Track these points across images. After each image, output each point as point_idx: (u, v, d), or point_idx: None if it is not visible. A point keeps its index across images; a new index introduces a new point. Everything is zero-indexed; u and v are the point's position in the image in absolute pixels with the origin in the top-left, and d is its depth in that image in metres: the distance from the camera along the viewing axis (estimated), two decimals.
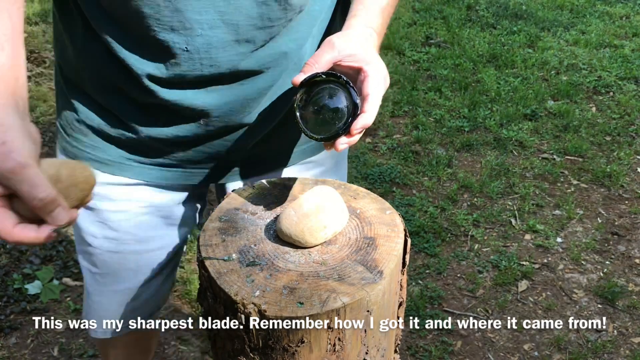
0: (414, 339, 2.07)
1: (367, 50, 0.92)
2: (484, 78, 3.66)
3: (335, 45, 0.90)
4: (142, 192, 1.12)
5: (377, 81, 0.90)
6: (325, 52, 0.90)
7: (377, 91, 0.89)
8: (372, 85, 0.89)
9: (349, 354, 0.85)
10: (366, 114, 0.87)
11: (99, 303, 1.25)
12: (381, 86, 0.91)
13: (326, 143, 0.91)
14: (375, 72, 0.90)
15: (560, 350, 2.04)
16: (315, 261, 0.86)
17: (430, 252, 2.42)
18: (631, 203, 2.72)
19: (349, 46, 0.91)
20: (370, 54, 0.92)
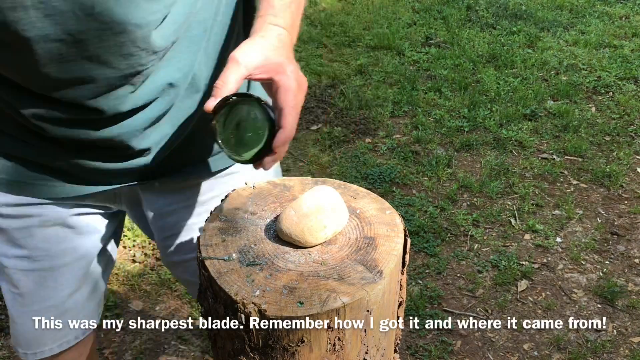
0: (413, 338, 2.08)
1: (276, 57, 0.88)
2: (483, 78, 3.66)
3: (239, 61, 0.86)
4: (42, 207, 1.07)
5: (290, 91, 0.86)
6: (231, 71, 0.86)
7: (290, 102, 0.86)
8: (285, 97, 0.86)
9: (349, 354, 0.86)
10: (284, 129, 0.85)
11: (23, 325, 1.19)
12: (295, 94, 0.87)
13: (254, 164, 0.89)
14: (287, 80, 0.86)
15: (560, 350, 2.04)
16: (315, 261, 0.86)
17: (430, 251, 2.42)
18: (630, 203, 2.72)
19: (255, 58, 0.86)
20: (279, 61, 0.87)
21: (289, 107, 0.85)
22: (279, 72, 0.87)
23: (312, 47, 4.03)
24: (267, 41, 0.88)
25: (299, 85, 0.88)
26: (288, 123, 0.85)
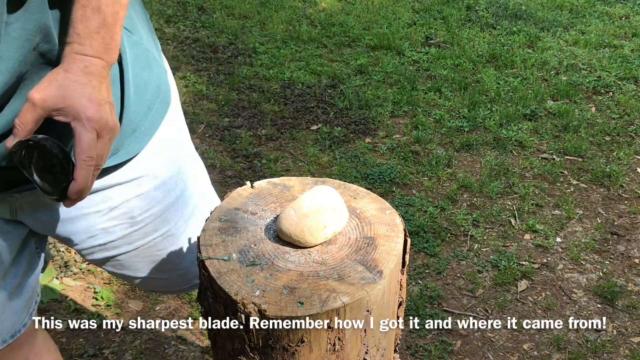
0: (413, 338, 2.08)
1: (75, 98, 0.83)
2: (483, 78, 3.66)
3: (36, 102, 0.82)
4: None
5: (83, 142, 0.83)
6: (28, 112, 0.83)
7: (82, 155, 0.84)
8: (78, 148, 0.84)
9: (349, 354, 0.86)
10: (76, 182, 0.84)
11: None
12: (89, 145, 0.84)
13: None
14: (81, 130, 0.83)
15: (560, 349, 2.04)
16: (315, 261, 0.86)
17: (430, 251, 2.42)
18: (630, 203, 2.72)
19: (52, 99, 0.83)
20: (78, 104, 0.83)
21: (80, 161, 0.84)
22: (76, 118, 0.83)
23: (312, 47, 4.04)
24: (70, 77, 0.84)
25: (98, 132, 0.84)
26: (79, 176, 0.84)
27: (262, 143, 3.06)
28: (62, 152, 0.85)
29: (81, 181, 0.85)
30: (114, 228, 1.17)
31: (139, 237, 1.21)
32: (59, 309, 2.14)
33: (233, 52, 3.92)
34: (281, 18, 4.41)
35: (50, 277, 2.22)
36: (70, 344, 2.03)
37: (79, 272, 2.27)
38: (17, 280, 1.17)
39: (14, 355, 1.23)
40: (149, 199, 1.17)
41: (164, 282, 1.37)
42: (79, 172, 0.84)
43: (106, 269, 1.29)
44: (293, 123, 3.24)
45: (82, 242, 1.18)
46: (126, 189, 1.13)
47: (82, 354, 1.99)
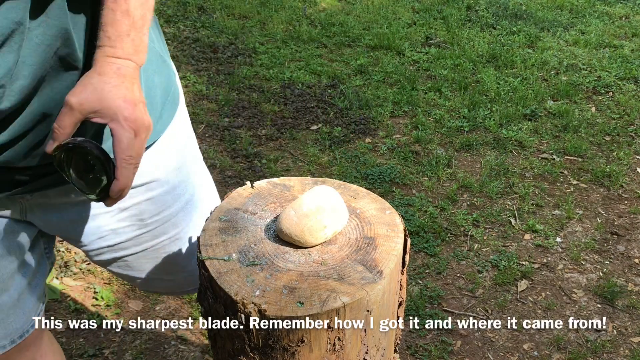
0: (413, 338, 2.08)
1: (111, 99, 0.85)
2: (483, 78, 3.66)
3: (73, 106, 0.84)
4: None
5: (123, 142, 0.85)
6: (66, 116, 0.85)
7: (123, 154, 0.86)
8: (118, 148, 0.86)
9: (349, 354, 0.86)
10: (118, 181, 0.86)
11: None
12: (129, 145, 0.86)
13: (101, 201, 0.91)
14: (120, 131, 0.85)
15: (560, 349, 2.04)
16: (315, 261, 0.86)
17: (430, 251, 2.42)
18: (631, 203, 2.72)
19: (89, 102, 0.85)
20: (115, 106, 0.85)
21: (121, 160, 0.86)
22: (113, 119, 0.85)
23: (312, 47, 4.04)
24: (103, 79, 0.86)
25: (135, 131, 0.86)
26: (121, 175, 0.86)
27: (262, 143, 3.06)
28: (103, 153, 0.87)
29: (123, 180, 0.87)
30: (123, 229, 1.18)
31: (147, 239, 1.22)
32: (59, 309, 2.14)
33: (233, 52, 3.92)
34: (281, 18, 4.41)
35: (50, 277, 2.22)
36: (70, 344, 2.03)
37: (79, 272, 2.27)
38: (26, 280, 1.18)
39: (21, 356, 1.24)
40: (160, 203, 1.18)
41: (169, 284, 1.38)
42: (120, 171, 0.86)
43: (112, 269, 1.30)
44: (293, 123, 3.24)
45: (91, 243, 1.19)
46: (137, 192, 1.14)
47: (82, 354, 1.99)
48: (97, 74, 0.86)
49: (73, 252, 2.34)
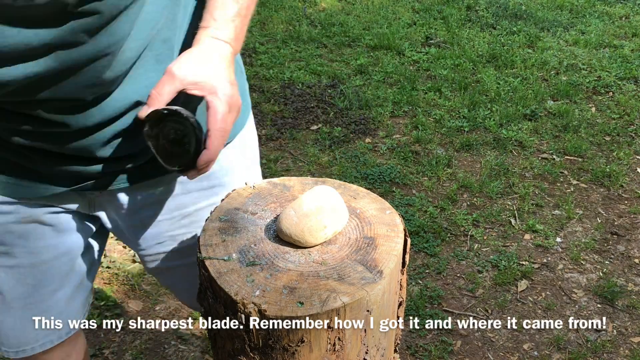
0: (413, 338, 2.08)
1: (212, 75, 0.89)
2: (483, 78, 3.66)
3: (175, 75, 0.88)
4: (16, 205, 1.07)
5: (219, 114, 0.88)
6: (166, 84, 0.88)
7: (217, 125, 0.87)
8: (213, 119, 0.87)
9: (349, 354, 0.86)
10: (208, 151, 0.87)
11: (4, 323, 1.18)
12: (224, 118, 0.88)
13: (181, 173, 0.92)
14: (217, 103, 0.88)
15: (560, 349, 2.04)
16: (315, 261, 0.86)
17: (430, 251, 2.42)
18: (630, 203, 2.72)
19: (191, 73, 0.88)
20: (215, 79, 0.88)
21: (214, 130, 0.87)
22: (212, 93, 0.88)
23: (312, 47, 4.04)
24: (206, 56, 0.90)
25: (229, 107, 0.89)
26: (212, 145, 0.87)
27: (262, 143, 3.06)
28: (196, 122, 0.89)
29: (213, 151, 0.88)
30: (183, 236, 1.17)
31: None
32: None
33: None
34: (281, 18, 4.41)
35: None
36: None
37: None
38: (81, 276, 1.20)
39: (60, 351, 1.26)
40: None
41: None
42: (212, 141, 0.87)
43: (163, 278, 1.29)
44: (293, 123, 3.24)
45: (150, 247, 1.19)
46: (201, 196, 1.14)
47: None
48: (200, 51, 0.90)
49: None
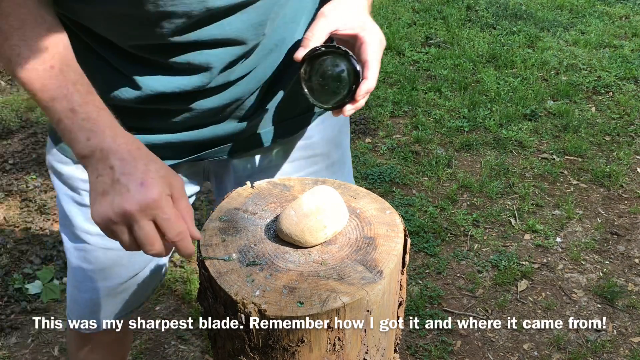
0: (413, 338, 2.08)
1: (360, 16, 0.94)
2: (483, 78, 3.66)
3: (328, 15, 0.93)
4: None
5: (374, 46, 0.92)
6: (320, 24, 0.93)
7: (375, 56, 0.92)
8: (370, 51, 0.92)
9: (349, 354, 0.86)
10: (368, 80, 0.91)
11: (89, 300, 1.25)
12: (379, 50, 0.93)
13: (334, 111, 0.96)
14: (372, 36, 0.93)
15: (560, 350, 2.04)
16: (315, 261, 0.86)
17: (430, 251, 2.42)
18: (630, 203, 2.72)
19: (342, 15, 0.94)
20: (364, 19, 0.94)
21: (373, 61, 0.92)
22: (364, 29, 0.93)
23: None
24: (352, 3, 0.96)
25: (380, 41, 0.94)
26: (372, 75, 0.91)
27: None
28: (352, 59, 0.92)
29: (372, 80, 0.92)
30: None
31: None
32: (59, 309, 2.14)
33: None
34: None
35: (50, 277, 2.22)
36: None
37: None
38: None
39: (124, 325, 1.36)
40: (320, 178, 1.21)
41: None
42: (371, 71, 0.91)
43: None
44: None
45: None
46: (302, 165, 1.18)
47: None
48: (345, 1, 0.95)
49: None
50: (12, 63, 0.83)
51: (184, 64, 0.95)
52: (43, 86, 0.82)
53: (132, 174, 0.78)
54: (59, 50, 0.84)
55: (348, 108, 0.93)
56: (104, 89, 0.97)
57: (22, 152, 2.88)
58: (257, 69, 1.02)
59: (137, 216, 0.78)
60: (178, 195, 0.82)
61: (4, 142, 2.96)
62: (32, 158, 2.84)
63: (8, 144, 2.96)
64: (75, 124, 0.81)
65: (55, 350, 2.00)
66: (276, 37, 1.01)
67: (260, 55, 1.01)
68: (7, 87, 3.44)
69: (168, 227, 0.80)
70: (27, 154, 2.87)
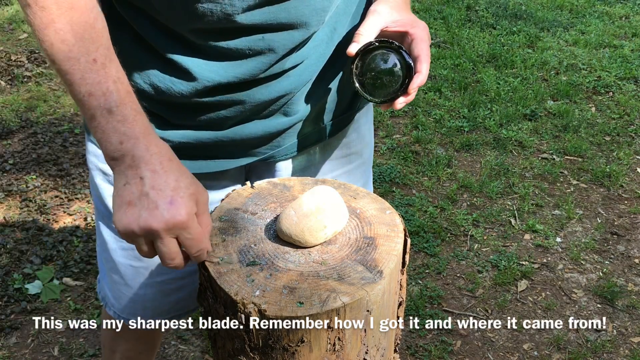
0: (413, 338, 2.08)
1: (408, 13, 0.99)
2: (483, 78, 3.66)
3: (380, 13, 0.98)
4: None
5: (425, 41, 0.96)
6: (372, 21, 0.97)
7: (426, 51, 0.95)
8: (421, 46, 0.95)
9: (349, 354, 0.86)
10: (421, 74, 0.94)
11: (143, 296, 1.24)
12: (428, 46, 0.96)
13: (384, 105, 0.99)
14: (422, 33, 0.97)
15: (560, 350, 2.04)
16: (315, 261, 0.86)
17: (430, 251, 2.42)
18: (630, 203, 2.72)
19: (392, 12, 0.98)
20: (412, 17, 0.99)
21: (425, 56, 0.95)
22: (414, 26, 0.97)
23: None
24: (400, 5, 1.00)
25: (429, 38, 0.98)
26: (424, 69, 0.94)
27: None
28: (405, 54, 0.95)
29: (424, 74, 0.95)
30: None
31: None
32: (59, 309, 2.14)
33: None
34: None
35: (50, 277, 2.22)
36: (70, 344, 2.03)
37: (79, 272, 2.27)
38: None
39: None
40: (352, 177, 1.23)
41: None
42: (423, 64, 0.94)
43: None
44: None
45: None
46: (339, 164, 1.19)
47: (82, 354, 1.99)
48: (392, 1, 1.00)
49: (73, 252, 2.34)
50: (54, 49, 0.79)
51: (245, 49, 0.95)
52: (82, 79, 0.79)
53: (162, 190, 0.78)
54: (103, 43, 0.82)
55: (400, 101, 0.96)
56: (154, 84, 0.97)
57: (22, 152, 2.88)
58: (309, 59, 1.03)
59: (162, 234, 0.78)
60: (202, 211, 0.82)
61: (4, 142, 2.96)
62: (32, 158, 2.84)
63: (8, 144, 2.96)
64: (110, 124, 0.79)
65: (55, 350, 2.00)
66: (329, 27, 1.03)
67: (313, 45, 1.02)
68: (7, 87, 3.44)
69: (191, 246, 0.81)
70: (27, 154, 2.87)
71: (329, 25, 1.02)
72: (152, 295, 1.24)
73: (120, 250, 1.21)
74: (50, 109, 3.24)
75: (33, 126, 3.08)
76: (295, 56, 1.00)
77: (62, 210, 2.55)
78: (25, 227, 2.45)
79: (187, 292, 1.25)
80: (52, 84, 3.49)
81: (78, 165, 2.81)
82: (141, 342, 1.48)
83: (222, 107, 1.02)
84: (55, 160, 2.83)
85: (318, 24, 0.98)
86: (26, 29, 4.08)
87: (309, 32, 0.97)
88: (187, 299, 1.27)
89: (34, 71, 3.58)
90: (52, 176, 2.74)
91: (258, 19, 0.92)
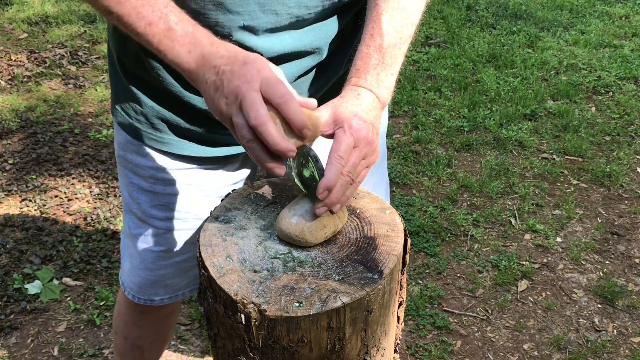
0: (413, 338, 2.08)
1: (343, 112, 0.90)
2: (483, 78, 3.66)
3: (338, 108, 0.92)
4: (200, 176, 1.19)
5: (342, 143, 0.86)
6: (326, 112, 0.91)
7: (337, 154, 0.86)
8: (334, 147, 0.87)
9: (349, 354, 0.86)
10: (325, 177, 0.85)
11: (164, 275, 1.30)
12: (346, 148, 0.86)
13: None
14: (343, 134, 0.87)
15: (560, 349, 2.04)
16: (315, 261, 0.86)
17: (430, 251, 2.42)
18: (631, 203, 2.72)
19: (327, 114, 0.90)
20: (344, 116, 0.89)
21: (331, 158, 0.86)
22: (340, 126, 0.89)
23: None
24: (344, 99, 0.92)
25: (356, 141, 0.87)
26: (328, 171, 0.85)
27: None
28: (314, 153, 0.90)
29: (329, 177, 0.85)
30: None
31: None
32: (59, 309, 2.14)
33: None
34: None
35: (50, 277, 2.22)
36: (70, 344, 2.03)
37: (79, 272, 2.27)
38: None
39: (173, 307, 1.45)
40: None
41: None
42: (328, 168, 0.87)
43: None
44: None
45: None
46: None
47: (82, 354, 1.99)
48: (340, 97, 0.93)
49: (73, 252, 2.34)
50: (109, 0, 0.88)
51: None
52: (138, 15, 0.88)
53: (234, 62, 0.84)
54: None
55: (318, 205, 0.87)
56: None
57: (22, 152, 2.88)
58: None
59: (243, 88, 0.81)
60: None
61: (4, 142, 2.96)
62: (32, 158, 2.84)
63: (8, 144, 2.96)
64: (176, 40, 0.88)
65: (55, 350, 2.00)
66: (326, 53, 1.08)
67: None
68: (7, 87, 3.44)
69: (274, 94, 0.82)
70: (27, 154, 2.87)
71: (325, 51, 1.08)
72: (173, 274, 1.30)
73: (141, 237, 1.27)
74: (50, 109, 3.24)
75: (33, 126, 3.08)
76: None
77: (62, 210, 2.55)
78: (25, 227, 2.45)
79: (185, 277, 1.32)
80: (52, 84, 3.49)
81: (78, 165, 2.81)
82: (153, 331, 1.51)
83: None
84: (55, 160, 2.83)
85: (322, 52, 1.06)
86: (26, 29, 4.08)
87: (321, 57, 1.06)
88: (181, 284, 1.34)
89: (34, 71, 3.58)
90: (52, 176, 2.74)
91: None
